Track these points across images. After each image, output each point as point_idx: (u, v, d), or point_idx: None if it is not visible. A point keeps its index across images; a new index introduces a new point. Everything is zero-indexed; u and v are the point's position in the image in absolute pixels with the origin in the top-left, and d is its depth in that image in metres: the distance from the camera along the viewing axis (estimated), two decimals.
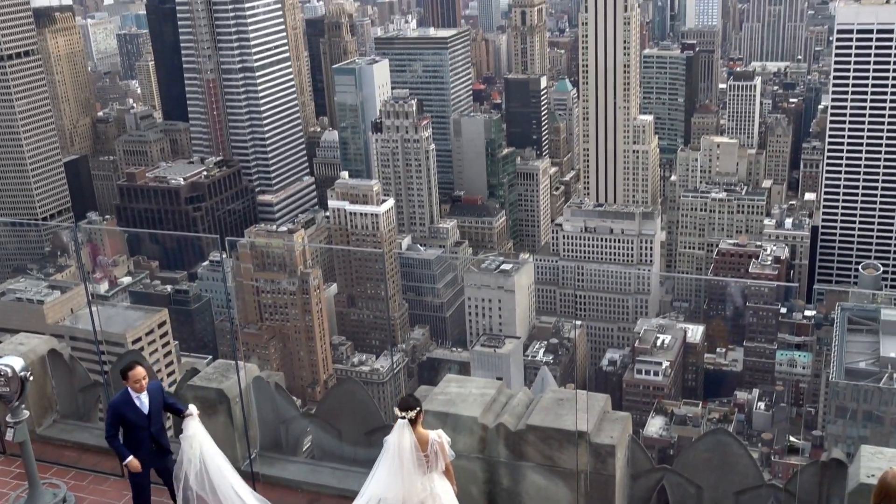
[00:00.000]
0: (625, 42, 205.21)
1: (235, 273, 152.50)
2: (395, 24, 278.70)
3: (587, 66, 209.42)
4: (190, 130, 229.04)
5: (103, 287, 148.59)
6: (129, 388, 11.99)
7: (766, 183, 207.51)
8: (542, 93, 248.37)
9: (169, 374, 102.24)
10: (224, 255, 76.24)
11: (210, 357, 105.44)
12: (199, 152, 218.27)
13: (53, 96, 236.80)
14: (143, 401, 12.03)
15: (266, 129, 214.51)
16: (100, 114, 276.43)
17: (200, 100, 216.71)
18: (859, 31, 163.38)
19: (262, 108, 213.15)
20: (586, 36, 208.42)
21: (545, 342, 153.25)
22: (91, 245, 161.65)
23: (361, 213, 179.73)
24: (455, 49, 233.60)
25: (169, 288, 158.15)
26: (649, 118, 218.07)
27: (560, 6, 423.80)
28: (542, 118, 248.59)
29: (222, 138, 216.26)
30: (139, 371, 11.96)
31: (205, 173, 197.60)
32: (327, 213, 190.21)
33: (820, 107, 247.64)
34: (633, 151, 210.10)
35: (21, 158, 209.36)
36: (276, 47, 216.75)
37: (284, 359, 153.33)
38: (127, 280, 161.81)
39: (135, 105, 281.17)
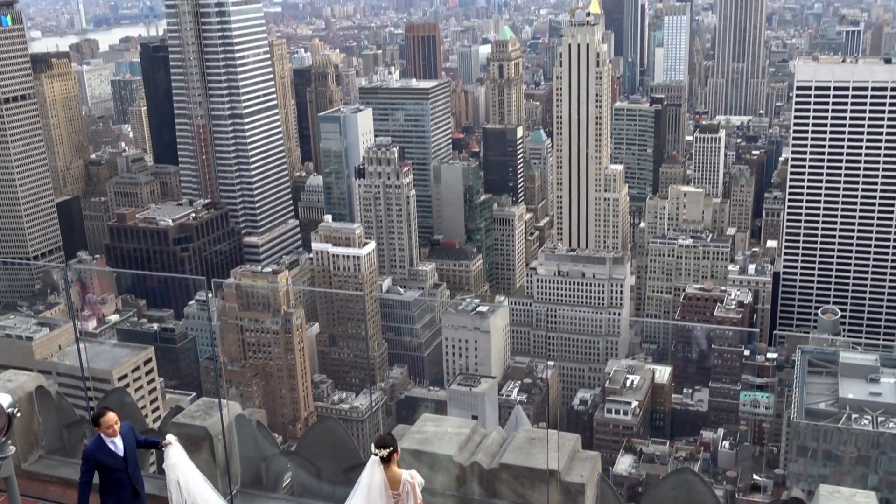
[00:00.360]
0: (597, 95, 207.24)
1: (220, 312, 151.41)
2: (379, 75, 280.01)
3: (561, 117, 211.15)
4: (180, 174, 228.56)
5: (91, 325, 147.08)
6: (102, 434, 11.89)
7: (731, 230, 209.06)
8: (519, 142, 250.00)
9: (154, 411, 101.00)
10: (210, 295, 76.01)
11: (194, 394, 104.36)
12: (188, 195, 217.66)
13: (48, 139, 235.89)
14: (117, 444, 11.93)
15: (253, 173, 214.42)
16: (92, 156, 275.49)
17: (190, 144, 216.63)
18: (817, 88, 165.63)
19: (250, 153, 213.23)
20: (560, 89, 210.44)
21: (519, 382, 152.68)
22: (80, 284, 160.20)
23: (344, 256, 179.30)
24: (436, 99, 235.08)
25: (156, 326, 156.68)
26: (620, 167, 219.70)
27: (536, 60, 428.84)
28: (518, 166, 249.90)
29: (211, 181, 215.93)
30: (110, 417, 11.87)
31: (193, 215, 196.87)
32: (311, 255, 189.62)
33: (781, 158, 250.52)
34: (605, 199, 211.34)
35: (14, 199, 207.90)
36: (265, 95, 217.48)
37: (267, 396, 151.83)
38: (115, 318, 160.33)
39: (127, 148, 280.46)
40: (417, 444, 12.89)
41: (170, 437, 12.39)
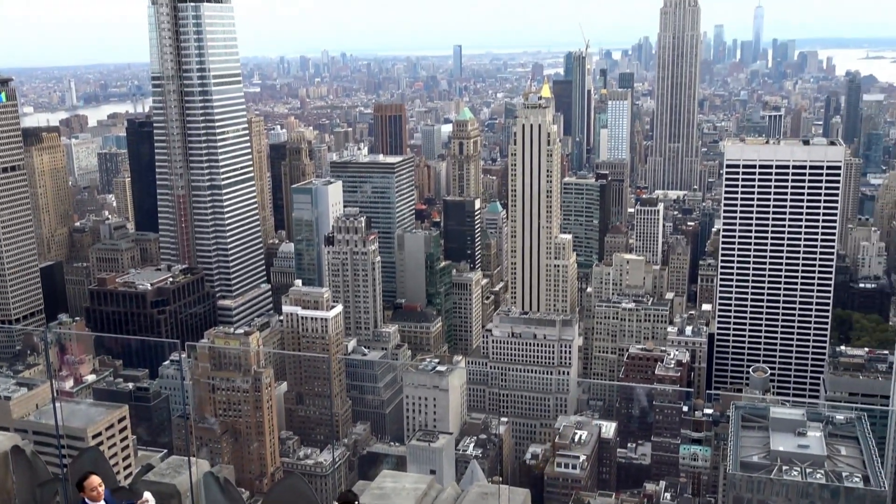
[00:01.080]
0: (548, 171, 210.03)
1: (193, 372, 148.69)
2: (349, 151, 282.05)
3: (515, 190, 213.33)
4: (159, 240, 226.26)
5: (69, 384, 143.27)
6: (87, 499, 11.53)
7: (669, 295, 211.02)
8: (476, 213, 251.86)
9: (126, 468, 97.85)
10: (183, 356, 74.73)
11: (165, 451, 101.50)
12: (167, 260, 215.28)
13: (35, 207, 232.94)
14: None
15: (229, 240, 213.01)
16: (77, 224, 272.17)
17: (170, 213, 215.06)
18: (744, 166, 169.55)
19: (227, 222, 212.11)
20: (515, 165, 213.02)
21: (475, 437, 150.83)
22: (59, 345, 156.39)
23: (312, 318, 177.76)
24: (401, 173, 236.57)
25: (130, 385, 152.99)
26: (568, 237, 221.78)
27: (493, 139, 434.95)
28: (476, 235, 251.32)
29: (188, 248, 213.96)
30: (94, 480, 11.53)
31: (170, 279, 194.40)
32: (281, 318, 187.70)
33: (713, 229, 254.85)
34: (555, 266, 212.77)
35: None
36: (242, 168, 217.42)
37: (235, 452, 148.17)
38: (91, 378, 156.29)
39: (110, 217, 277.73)
40: (377, 499, 12.68)
41: (147, 496, 12.08)
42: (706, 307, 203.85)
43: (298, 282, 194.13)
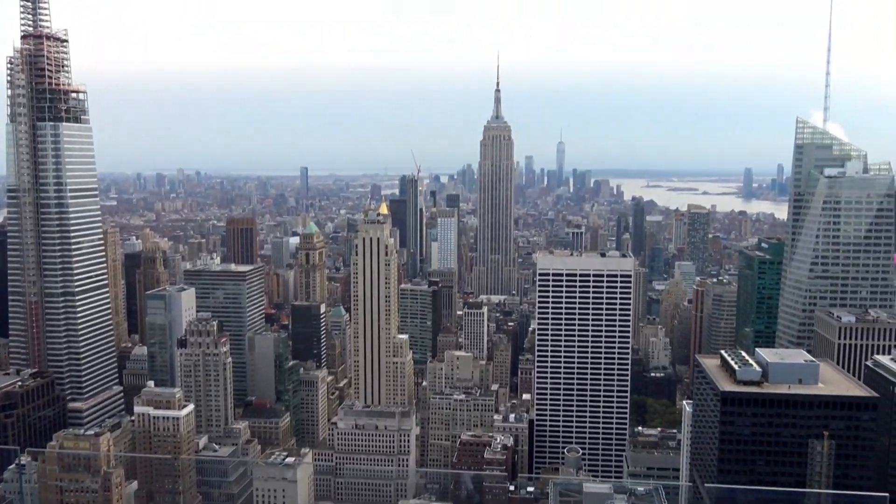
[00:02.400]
0: (386, 278, 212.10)
1: (41, 475, 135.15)
2: (202, 260, 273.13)
3: (357, 296, 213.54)
4: (9, 346, 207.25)
5: None
6: None
7: (494, 386, 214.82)
8: (322, 316, 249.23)
9: None
10: (28, 460, 68.07)
11: None
12: (16, 365, 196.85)
13: None
14: None
15: (81, 345, 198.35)
16: None
17: (21, 319, 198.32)
18: (554, 274, 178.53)
19: (79, 327, 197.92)
20: (357, 273, 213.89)
21: None
22: None
23: (164, 417, 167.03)
24: (251, 281, 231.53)
25: None
26: (405, 337, 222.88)
27: (336, 250, 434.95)
28: (322, 336, 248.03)
29: (39, 353, 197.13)
30: None
31: (19, 384, 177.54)
32: (133, 418, 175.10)
33: (530, 328, 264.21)
34: (394, 363, 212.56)
35: None
36: (97, 276, 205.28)
37: None
38: None
39: None
40: None
41: None
42: (526, 396, 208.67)
43: (151, 383, 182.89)
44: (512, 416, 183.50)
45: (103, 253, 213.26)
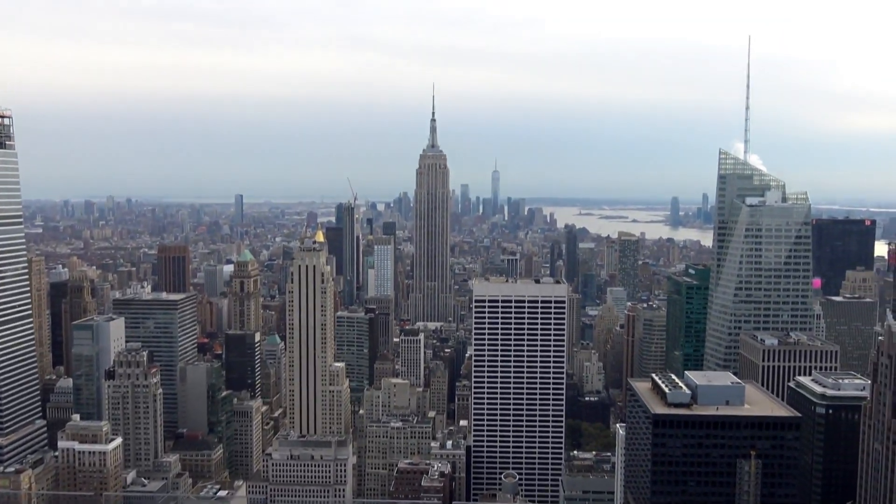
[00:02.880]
0: (322, 306, 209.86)
1: None
2: (132, 289, 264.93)
3: (293, 324, 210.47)
4: None
5: None
6: None
7: (431, 413, 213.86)
8: (257, 345, 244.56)
9: None
10: None
11: None
12: None
13: None
14: None
15: (1, 378, 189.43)
16: None
17: None
18: (490, 301, 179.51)
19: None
20: (292, 301, 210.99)
21: None
22: None
23: (90, 452, 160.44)
24: (184, 310, 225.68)
25: None
26: (342, 365, 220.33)
27: (272, 278, 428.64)
28: (256, 366, 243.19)
29: None
30: None
31: None
32: (56, 453, 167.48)
33: (467, 355, 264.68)
34: (330, 391, 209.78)
35: None
36: (20, 305, 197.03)
37: None
38: None
39: None
40: None
41: None
42: (463, 423, 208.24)
43: (76, 416, 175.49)
44: (449, 442, 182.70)
45: (27, 282, 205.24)
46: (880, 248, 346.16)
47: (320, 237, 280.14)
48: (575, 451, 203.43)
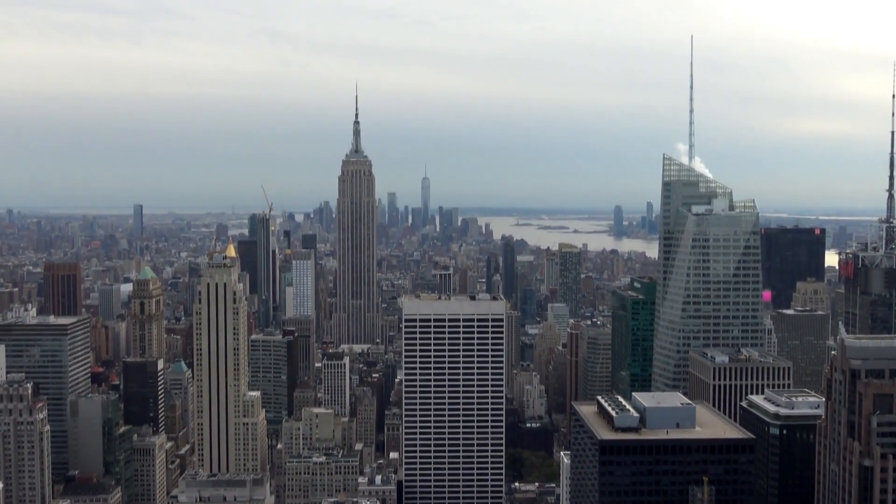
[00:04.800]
0: (234, 328, 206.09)
1: None
2: (14, 313, 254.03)
3: (201, 349, 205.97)
4: None
5: None
6: None
7: (359, 446, 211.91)
8: (160, 374, 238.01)
9: None
10: None
11: None
12: None
13: None
14: None
15: None
16: None
17: None
18: (421, 320, 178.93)
19: None
20: (200, 323, 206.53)
21: None
22: None
23: None
24: (74, 335, 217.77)
25: None
26: (257, 394, 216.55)
27: (177, 298, 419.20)
28: (159, 397, 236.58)
29: None
30: None
31: None
32: None
33: (397, 380, 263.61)
34: (244, 424, 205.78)
35: None
36: None
37: None
38: None
39: None
40: None
41: None
42: (394, 455, 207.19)
43: None
44: (378, 477, 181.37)
45: None
46: (831, 258, 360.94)
47: (231, 252, 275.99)
48: (516, 483, 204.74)
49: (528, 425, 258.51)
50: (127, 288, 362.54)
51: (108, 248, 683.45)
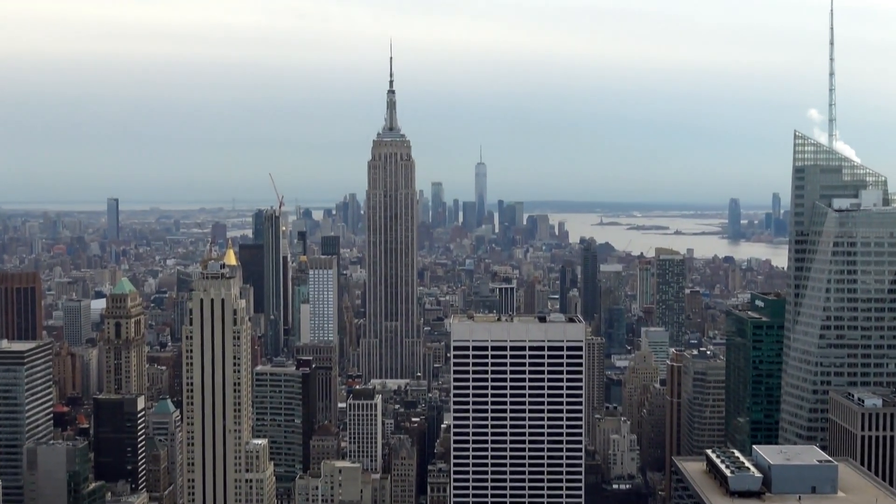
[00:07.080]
0: (234, 358, 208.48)
1: None
2: None
3: (192, 384, 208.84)
4: None
5: None
6: None
7: None
8: (140, 415, 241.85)
9: None
10: None
11: None
12: None
13: None
14: None
15: None
16: None
17: None
18: (475, 348, 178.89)
19: None
20: (191, 351, 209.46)
21: None
22: None
23: None
24: (33, 365, 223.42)
25: None
26: (263, 442, 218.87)
27: (162, 318, 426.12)
28: (139, 445, 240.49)
29: None
30: None
31: None
32: None
33: (443, 426, 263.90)
34: (246, 481, 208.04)
35: None
36: None
37: None
38: None
39: None
40: None
41: None
42: None
43: None
44: None
45: None
46: None
47: (231, 258, 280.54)
48: None
49: (616, 487, 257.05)
50: (99, 304, 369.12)
51: (76, 253, 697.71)
